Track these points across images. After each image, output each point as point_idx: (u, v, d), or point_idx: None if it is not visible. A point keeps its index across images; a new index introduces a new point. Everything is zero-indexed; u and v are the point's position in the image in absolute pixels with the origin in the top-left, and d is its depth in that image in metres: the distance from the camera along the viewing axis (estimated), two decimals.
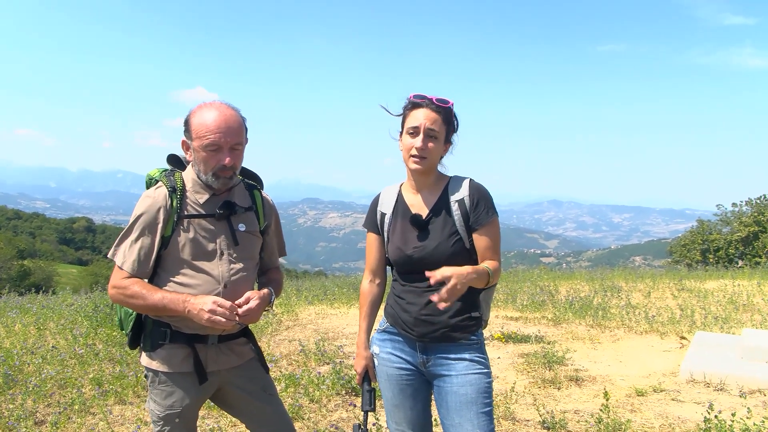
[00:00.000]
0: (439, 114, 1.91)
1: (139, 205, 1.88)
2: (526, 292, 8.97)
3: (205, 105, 1.85)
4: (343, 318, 7.06)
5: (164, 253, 1.87)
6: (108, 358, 4.65)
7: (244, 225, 1.96)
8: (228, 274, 1.89)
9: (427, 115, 1.90)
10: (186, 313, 1.78)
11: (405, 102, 1.98)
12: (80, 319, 6.07)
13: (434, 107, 1.91)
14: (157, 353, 1.89)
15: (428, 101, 1.92)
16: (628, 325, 6.34)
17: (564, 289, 9.51)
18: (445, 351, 1.95)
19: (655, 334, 5.91)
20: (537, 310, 7.52)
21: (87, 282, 30.15)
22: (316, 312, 7.45)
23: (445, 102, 1.93)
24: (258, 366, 2.03)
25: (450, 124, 1.96)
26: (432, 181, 2.02)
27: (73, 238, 77.45)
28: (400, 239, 1.99)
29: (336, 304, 8.22)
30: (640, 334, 5.96)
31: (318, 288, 10.25)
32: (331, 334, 6.05)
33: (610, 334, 5.98)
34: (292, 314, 7.19)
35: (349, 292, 9.36)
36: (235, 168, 1.87)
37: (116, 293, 1.86)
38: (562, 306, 7.49)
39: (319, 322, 6.78)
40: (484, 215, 1.94)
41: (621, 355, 5.18)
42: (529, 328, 6.24)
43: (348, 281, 11.90)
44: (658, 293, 8.87)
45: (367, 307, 2.12)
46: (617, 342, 5.67)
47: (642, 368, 4.73)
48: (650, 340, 5.69)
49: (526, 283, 10.23)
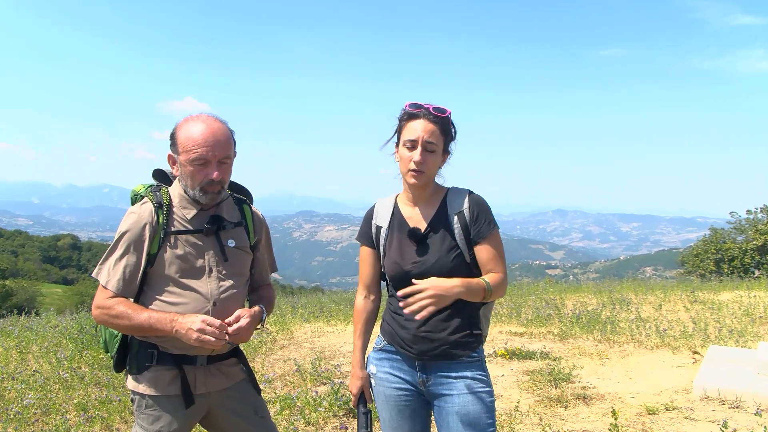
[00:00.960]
0: (436, 125, 1.91)
1: (124, 221, 1.88)
2: (530, 306, 8.95)
3: (191, 118, 1.87)
4: (340, 336, 7.03)
5: (150, 270, 1.88)
6: (94, 382, 4.62)
7: (233, 240, 1.96)
8: (217, 291, 1.89)
9: (424, 127, 1.90)
10: (174, 332, 1.78)
11: (400, 112, 1.98)
12: (65, 341, 6.04)
13: (431, 117, 1.91)
14: (143, 376, 1.89)
15: (425, 111, 1.91)
16: (638, 340, 6.33)
17: (571, 303, 9.49)
18: (445, 369, 1.94)
19: (667, 349, 5.89)
20: (542, 324, 7.50)
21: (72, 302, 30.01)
22: (312, 330, 7.42)
23: (442, 111, 1.93)
24: (249, 387, 2.03)
25: (448, 134, 1.95)
26: (429, 194, 2.02)
27: (57, 256, 77.35)
28: (398, 254, 1.99)
29: (333, 321, 8.19)
30: (650, 349, 5.94)
31: (314, 304, 10.23)
32: (328, 352, 6.03)
33: (620, 350, 5.96)
34: (287, 332, 7.16)
35: (347, 309, 9.34)
36: (224, 182, 1.88)
37: (100, 314, 1.85)
38: (568, 320, 7.47)
39: (316, 340, 6.76)
40: (485, 228, 1.94)
41: (631, 371, 5.16)
42: (534, 344, 6.22)
43: (346, 297, 11.87)
44: (669, 306, 8.86)
45: (362, 325, 2.12)
46: (627, 358, 5.65)
47: (653, 385, 4.71)
48: (662, 356, 5.67)
49: (531, 296, 10.21)
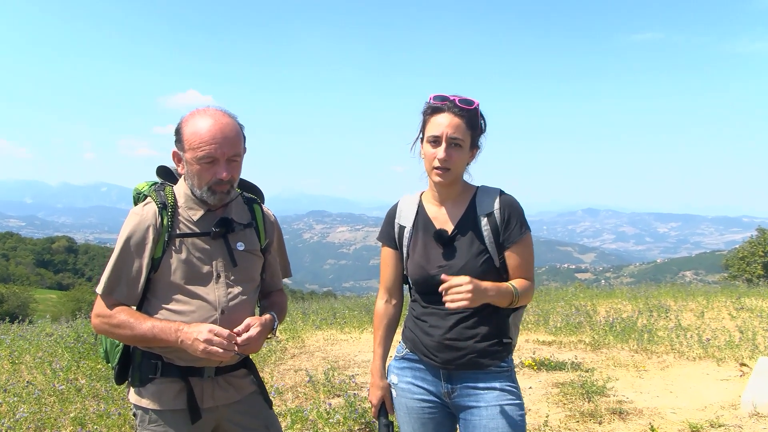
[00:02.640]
0: (462, 118, 1.90)
1: (126, 223, 1.90)
2: (559, 313, 8.89)
3: (198, 112, 1.86)
4: (355, 344, 7.05)
5: (154, 276, 1.89)
6: (92, 395, 4.67)
7: (242, 244, 1.97)
8: (225, 298, 1.90)
9: (449, 121, 1.89)
10: (179, 343, 1.79)
11: (424, 105, 1.97)
12: (60, 350, 6.12)
13: (457, 111, 1.90)
14: (146, 389, 1.90)
15: (450, 104, 1.91)
16: (678, 350, 6.26)
17: (603, 309, 9.42)
18: (472, 380, 1.94)
19: (711, 361, 5.82)
20: (573, 333, 7.45)
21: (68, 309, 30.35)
22: (324, 338, 7.45)
23: (469, 103, 1.91)
24: (260, 400, 2.04)
25: (475, 128, 1.94)
26: (457, 193, 2.02)
27: (52, 259, 78.35)
28: (423, 257, 1.99)
29: (347, 328, 8.21)
30: (693, 361, 5.88)
31: (326, 311, 10.26)
32: (341, 362, 6.05)
33: (658, 361, 5.90)
34: (298, 340, 7.20)
35: (362, 315, 9.35)
36: (233, 181, 1.89)
37: (100, 323, 1.87)
38: (601, 328, 7.42)
39: (329, 349, 6.78)
40: (516, 232, 1.94)
41: (671, 384, 5.11)
42: (564, 354, 6.18)
43: (360, 302, 11.89)
44: (713, 313, 8.74)
45: (383, 331, 2.12)
46: (666, 369, 5.59)
47: (696, 400, 4.65)
48: (705, 368, 5.60)
49: (560, 302, 10.15)
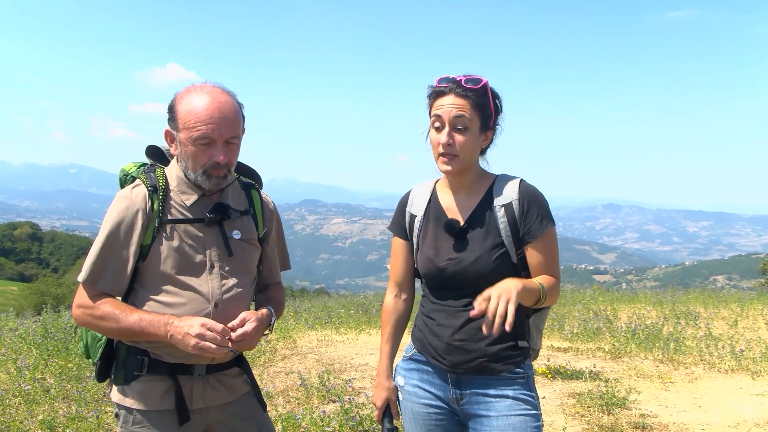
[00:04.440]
0: (467, 98, 1.88)
1: (113, 207, 1.90)
2: (576, 318, 8.92)
3: (194, 88, 1.87)
4: (351, 346, 7.08)
5: (143, 265, 1.90)
6: (62, 396, 4.66)
7: (239, 232, 1.98)
8: (219, 291, 1.91)
9: (452, 102, 1.88)
10: (168, 338, 1.80)
11: (428, 89, 1.97)
12: (26, 347, 6.12)
13: (461, 91, 1.88)
14: (131, 387, 1.91)
15: (453, 85, 1.89)
16: (708, 361, 6.28)
17: (625, 315, 9.45)
18: (483, 386, 1.95)
19: (745, 374, 5.84)
20: (591, 339, 7.47)
21: (31, 302, 30.32)
22: (318, 338, 7.49)
23: (475, 82, 1.89)
24: (254, 402, 2.06)
25: (485, 108, 1.92)
26: (471, 181, 2.02)
27: (13, 247, 77.48)
28: (432, 249, 2.00)
29: (342, 328, 8.25)
30: (724, 373, 5.89)
31: (320, 309, 10.29)
32: (337, 365, 6.08)
33: (686, 372, 5.92)
34: (290, 341, 7.23)
35: (358, 315, 9.38)
36: (230, 165, 1.89)
37: (82, 314, 1.88)
38: (622, 335, 7.43)
39: (323, 350, 6.81)
40: (537, 225, 1.93)
41: (700, 398, 5.12)
42: (582, 362, 6.21)
43: (356, 301, 11.93)
44: (747, 322, 8.76)
45: (391, 327, 2.14)
46: (695, 382, 5.61)
47: (728, 415, 4.67)
48: (738, 381, 5.62)
49: (577, 306, 10.18)
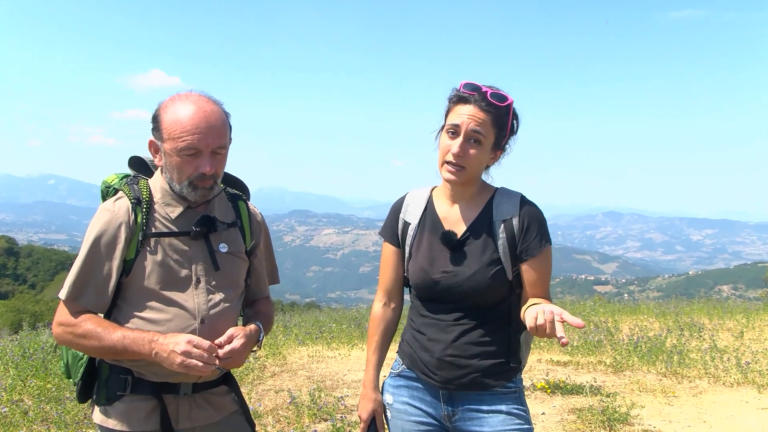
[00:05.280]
0: (488, 114, 1.90)
1: (95, 221, 1.91)
2: (576, 330, 8.92)
3: (179, 97, 1.89)
4: (343, 362, 7.08)
5: (126, 280, 1.91)
6: (40, 418, 4.64)
7: (226, 245, 1.99)
8: (206, 306, 1.92)
9: (473, 114, 1.90)
10: (153, 355, 1.81)
11: (451, 91, 1.99)
12: (3, 368, 6.09)
13: (485, 105, 1.90)
14: (114, 407, 1.91)
15: (478, 96, 1.91)
16: (713, 375, 6.30)
17: (627, 327, 9.46)
18: (476, 401, 1.97)
19: (751, 387, 5.87)
20: (591, 352, 7.48)
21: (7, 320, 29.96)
22: (309, 354, 7.48)
23: (501, 99, 1.91)
24: (242, 421, 2.07)
25: (502, 128, 1.94)
26: (473, 193, 2.04)
27: None
28: (426, 259, 2.02)
29: (334, 343, 8.24)
30: (730, 387, 5.92)
31: (311, 324, 10.26)
32: (328, 382, 6.07)
33: (690, 386, 5.94)
34: (279, 357, 7.22)
35: (350, 329, 9.37)
36: (217, 176, 1.91)
37: (63, 332, 1.89)
38: (624, 348, 7.45)
39: (313, 367, 6.80)
40: (535, 244, 1.95)
41: (705, 412, 5.14)
42: (582, 376, 6.22)
43: (348, 315, 11.89)
44: (753, 334, 8.79)
45: (379, 337, 2.15)
46: (699, 396, 5.63)
47: (734, 431, 4.69)
48: (744, 395, 5.65)
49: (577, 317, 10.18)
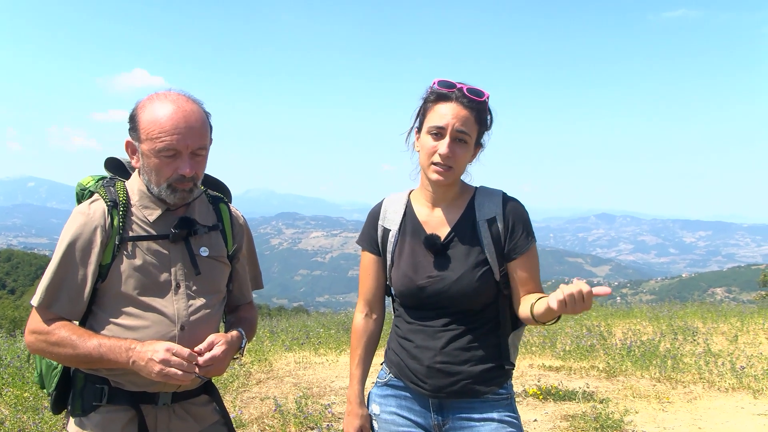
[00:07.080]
0: (471, 111, 1.92)
1: (69, 224, 1.89)
2: (568, 334, 8.96)
3: (157, 96, 1.87)
4: (331, 368, 7.06)
5: (102, 286, 1.88)
6: (17, 429, 4.61)
7: (206, 249, 1.97)
8: (186, 312, 1.90)
9: (456, 112, 1.91)
10: (130, 364, 1.78)
11: (426, 90, 1.99)
12: None
13: (465, 102, 1.92)
14: (89, 419, 1.89)
15: (458, 93, 1.93)
16: (708, 380, 6.34)
17: (619, 331, 9.52)
18: (467, 410, 1.96)
19: (746, 392, 5.90)
20: (584, 357, 7.51)
21: None
22: (296, 360, 7.46)
23: (479, 94, 1.93)
24: None
25: (483, 123, 1.97)
26: (455, 194, 2.04)
27: None
28: (410, 265, 2.01)
29: (322, 349, 8.23)
30: (724, 392, 5.95)
31: (298, 329, 10.25)
32: (315, 389, 6.06)
33: (684, 391, 5.97)
34: (265, 363, 7.19)
35: (339, 334, 9.37)
36: (197, 178, 1.89)
37: (36, 340, 1.86)
38: (617, 352, 7.48)
39: (300, 373, 6.79)
40: (522, 242, 1.96)
41: (700, 418, 5.16)
42: (575, 382, 6.24)
43: (336, 320, 11.90)
44: (748, 337, 8.86)
45: (362, 350, 2.14)
46: (694, 401, 5.66)
47: None
48: (739, 400, 5.68)
49: (569, 321, 10.22)
